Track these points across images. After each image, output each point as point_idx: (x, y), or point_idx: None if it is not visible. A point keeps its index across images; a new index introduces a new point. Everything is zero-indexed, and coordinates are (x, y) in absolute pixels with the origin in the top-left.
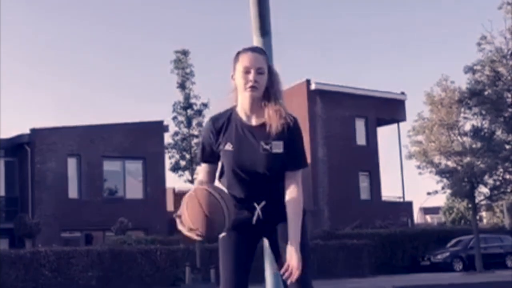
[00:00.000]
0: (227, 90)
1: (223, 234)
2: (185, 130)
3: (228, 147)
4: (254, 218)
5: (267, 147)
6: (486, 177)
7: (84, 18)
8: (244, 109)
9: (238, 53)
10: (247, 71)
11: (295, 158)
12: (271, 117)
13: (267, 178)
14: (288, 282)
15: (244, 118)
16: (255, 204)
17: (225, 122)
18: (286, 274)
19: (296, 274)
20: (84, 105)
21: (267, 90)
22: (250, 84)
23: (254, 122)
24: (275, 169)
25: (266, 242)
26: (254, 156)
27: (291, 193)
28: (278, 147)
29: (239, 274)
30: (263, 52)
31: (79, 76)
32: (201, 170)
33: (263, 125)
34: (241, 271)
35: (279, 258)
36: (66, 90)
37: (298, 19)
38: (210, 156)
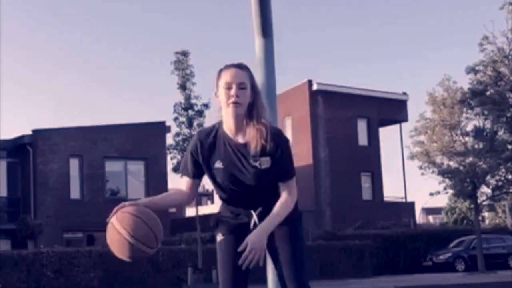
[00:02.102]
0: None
1: (221, 237)
2: (186, 131)
3: (218, 164)
4: (252, 223)
5: (256, 164)
6: (488, 177)
7: (85, 19)
8: (229, 126)
9: (220, 70)
10: (228, 87)
11: (284, 171)
12: (252, 137)
13: (259, 190)
14: (246, 263)
15: (230, 135)
16: (252, 211)
17: (212, 139)
18: (241, 247)
19: (252, 253)
20: (86, 106)
21: (251, 107)
22: (232, 99)
23: (240, 139)
24: (265, 182)
25: None
26: (243, 173)
27: (281, 198)
28: (266, 163)
29: (237, 276)
30: (246, 67)
31: (81, 77)
32: (183, 184)
33: (249, 142)
34: (239, 272)
35: (276, 260)
36: (68, 91)
37: (300, 20)
38: (192, 170)
